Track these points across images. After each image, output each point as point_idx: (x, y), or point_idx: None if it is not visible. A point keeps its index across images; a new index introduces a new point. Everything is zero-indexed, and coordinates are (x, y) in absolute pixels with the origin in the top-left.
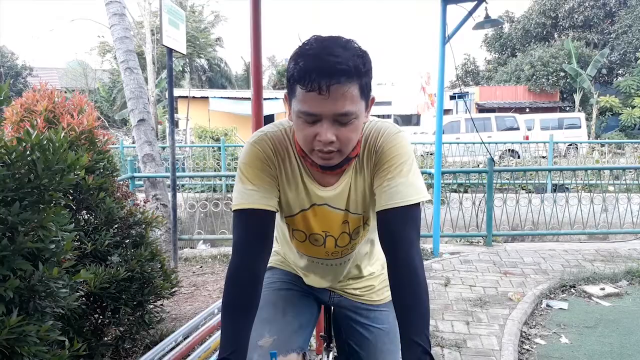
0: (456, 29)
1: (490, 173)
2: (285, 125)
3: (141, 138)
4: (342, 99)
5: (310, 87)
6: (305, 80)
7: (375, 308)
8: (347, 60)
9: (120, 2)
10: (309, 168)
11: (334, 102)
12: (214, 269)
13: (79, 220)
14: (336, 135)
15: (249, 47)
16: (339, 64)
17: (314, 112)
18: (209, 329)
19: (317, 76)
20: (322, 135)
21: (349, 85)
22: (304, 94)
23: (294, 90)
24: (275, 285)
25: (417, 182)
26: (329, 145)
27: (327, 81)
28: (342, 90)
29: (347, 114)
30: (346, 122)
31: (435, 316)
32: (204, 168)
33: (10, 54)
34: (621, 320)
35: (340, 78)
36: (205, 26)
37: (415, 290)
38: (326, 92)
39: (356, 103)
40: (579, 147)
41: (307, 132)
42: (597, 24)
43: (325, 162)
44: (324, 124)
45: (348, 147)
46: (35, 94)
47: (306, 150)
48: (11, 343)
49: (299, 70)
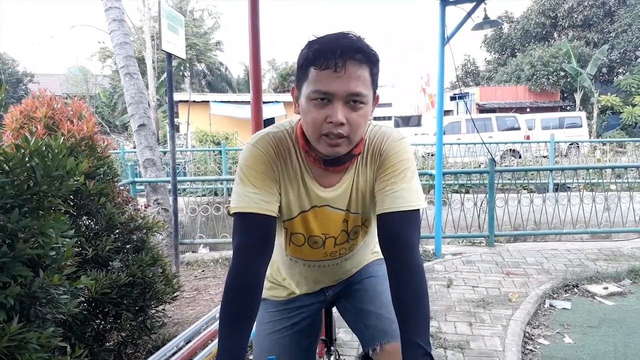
0: (455, 30)
1: (492, 173)
2: (286, 126)
3: (142, 143)
4: (356, 79)
5: (326, 65)
6: (321, 59)
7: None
8: (362, 42)
9: (119, 8)
10: (312, 166)
11: (348, 81)
12: (216, 273)
13: (80, 226)
14: (347, 118)
15: (248, 50)
16: (355, 42)
17: (328, 90)
18: (210, 334)
19: (333, 53)
20: (333, 116)
21: (363, 66)
22: (318, 73)
23: (307, 74)
24: (267, 327)
25: (418, 189)
26: (339, 128)
27: (344, 57)
28: (356, 69)
29: (360, 94)
30: (357, 105)
31: (438, 317)
32: (205, 172)
33: (11, 60)
34: (625, 319)
35: (356, 54)
36: (205, 31)
37: (416, 292)
38: (342, 69)
39: (367, 87)
40: (580, 146)
41: (318, 114)
42: (597, 23)
43: (332, 150)
44: (335, 104)
45: (356, 135)
46: (35, 100)
47: (314, 137)
48: (12, 350)
49: (314, 51)
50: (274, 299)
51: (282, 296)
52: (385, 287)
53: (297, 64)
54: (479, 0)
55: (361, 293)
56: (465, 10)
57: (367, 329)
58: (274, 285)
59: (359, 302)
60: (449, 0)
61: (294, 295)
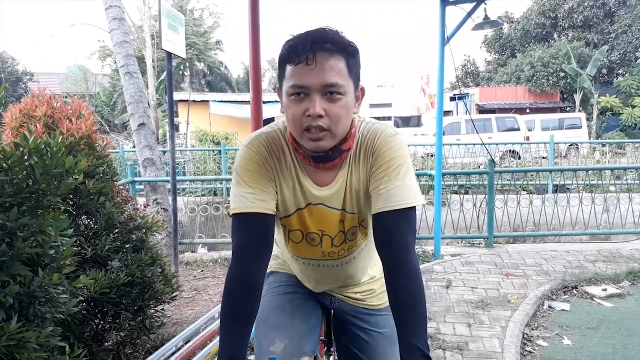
0: (455, 30)
1: (491, 174)
2: (279, 126)
3: (141, 142)
4: (330, 69)
5: (298, 59)
6: (293, 54)
7: (376, 312)
8: (332, 33)
9: (119, 7)
10: (305, 164)
11: (321, 72)
12: (215, 273)
13: (79, 225)
14: (325, 110)
15: (248, 50)
16: (326, 34)
17: (302, 84)
18: (209, 334)
19: (304, 47)
20: (311, 108)
21: (335, 56)
22: (292, 69)
23: (284, 72)
24: (279, 289)
25: (413, 186)
26: (319, 120)
27: (313, 49)
28: (328, 59)
29: (335, 85)
30: (334, 96)
31: (436, 318)
32: (204, 172)
33: (11, 59)
34: (624, 321)
35: (324, 44)
36: (205, 30)
37: (413, 293)
38: (313, 61)
39: (343, 77)
40: (580, 147)
41: (297, 109)
42: (597, 24)
43: (315, 145)
44: (312, 97)
45: (337, 127)
46: (34, 99)
47: (297, 133)
48: (11, 349)
49: (288, 48)
50: (286, 272)
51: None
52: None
53: (277, 64)
54: (479, 1)
55: (366, 345)
56: (465, 11)
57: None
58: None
59: (359, 349)
60: (449, 0)
61: None
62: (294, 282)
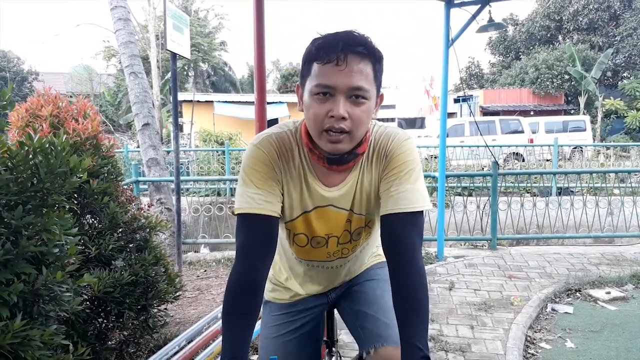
0: (460, 32)
1: (495, 176)
2: (289, 126)
3: (145, 142)
4: (358, 72)
5: (328, 59)
6: (323, 53)
7: (365, 270)
8: (364, 37)
9: (125, 7)
10: (315, 165)
11: (349, 74)
12: (218, 273)
13: (83, 224)
14: (349, 113)
15: (253, 51)
16: (358, 37)
17: (330, 84)
18: (212, 333)
19: (336, 47)
20: (335, 110)
21: (365, 60)
22: (320, 67)
23: (310, 70)
24: (272, 330)
25: (423, 190)
26: (341, 122)
27: (346, 50)
28: (358, 62)
29: (362, 89)
30: (359, 100)
31: (439, 320)
32: (208, 172)
33: (16, 58)
34: (627, 324)
35: (357, 47)
36: (210, 31)
37: (417, 294)
38: (343, 62)
39: (370, 82)
40: (584, 150)
41: (320, 109)
42: (602, 27)
43: (333, 147)
44: (337, 98)
45: (358, 131)
46: (40, 99)
47: (316, 133)
48: (15, 347)
49: (317, 46)
50: (278, 302)
51: (285, 299)
52: (385, 290)
53: (302, 61)
54: (483, 3)
55: (360, 295)
56: (470, 13)
57: (363, 331)
58: (277, 287)
59: (357, 304)
60: (454, 3)
61: (298, 297)
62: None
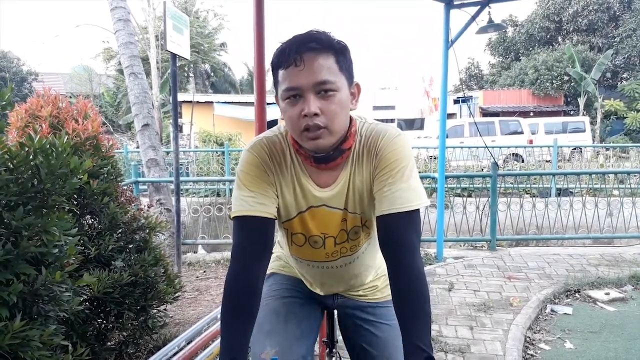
0: (459, 34)
1: (494, 177)
2: (281, 130)
3: (145, 143)
4: (319, 68)
5: (287, 63)
6: (282, 58)
7: (380, 305)
8: (318, 33)
9: (124, 8)
10: (307, 166)
11: (310, 72)
12: (218, 274)
13: (83, 225)
14: (320, 108)
15: (253, 52)
16: (311, 35)
17: (294, 85)
18: (212, 334)
19: (290, 50)
20: (305, 108)
21: (323, 54)
22: (284, 73)
23: (277, 77)
24: (277, 293)
25: (417, 187)
26: (315, 119)
27: (299, 50)
28: (316, 58)
29: (326, 82)
30: (328, 93)
31: (438, 321)
32: (207, 172)
33: (16, 59)
34: (626, 325)
35: (310, 44)
36: (210, 31)
37: (417, 295)
38: (301, 63)
39: (334, 74)
40: (584, 151)
41: (293, 111)
42: (601, 28)
43: (315, 144)
44: (306, 97)
45: (334, 123)
46: (40, 99)
47: (296, 135)
48: (14, 348)
49: (277, 53)
50: (286, 274)
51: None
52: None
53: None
54: (483, 4)
55: (375, 338)
56: (469, 14)
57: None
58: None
59: (368, 344)
60: (454, 4)
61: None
62: (294, 285)
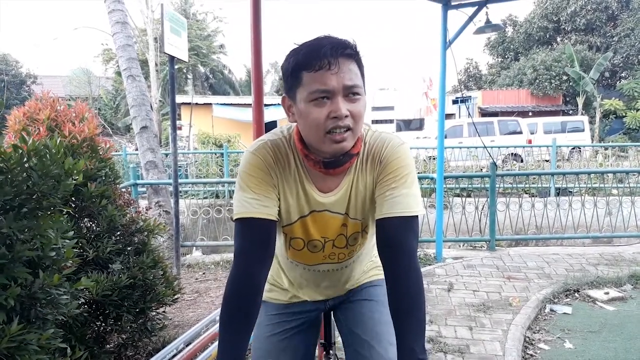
0: (457, 34)
1: (493, 177)
2: (284, 133)
3: (144, 145)
4: (349, 72)
5: (320, 65)
6: (312, 61)
7: (366, 285)
8: (346, 39)
9: (122, 11)
10: (311, 171)
11: (343, 75)
12: (217, 276)
13: (81, 227)
14: (349, 110)
15: (250, 53)
16: (341, 40)
17: (327, 88)
18: (210, 336)
19: (324, 53)
20: (337, 110)
21: (352, 60)
22: (312, 75)
23: (299, 79)
24: (267, 329)
25: (418, 195)
26: (345, 120)
27: (335, 54)
28: (347, 63)
29: (356, 86)
30: (355, 97)
31: (438, 321)
32: (206, 174)
33: (15, 62)
34: (625, 324)
35: (344, 50)
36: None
37: (414, 298)
38: (335, 66)
39: (359, 79)
40: (583, 150)
41: (321, 113)
42: (600, 27)
43: (338, 147)
44: (336, 99)
45: (358, 125)
46: (38, 102)
47: (317, 137)
48: (12, 351)
49: (303, 55)
50: (275, 302)
51: (283, 300)
52: (384, 314)
53: (285, 73)
54: (480, 5)
55: (358, 316)
56: (467, 14)
57: (356, 356)
58: (275, 287)
59: (354, 324)
60: (451, 4)
61: (296, 299)
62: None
